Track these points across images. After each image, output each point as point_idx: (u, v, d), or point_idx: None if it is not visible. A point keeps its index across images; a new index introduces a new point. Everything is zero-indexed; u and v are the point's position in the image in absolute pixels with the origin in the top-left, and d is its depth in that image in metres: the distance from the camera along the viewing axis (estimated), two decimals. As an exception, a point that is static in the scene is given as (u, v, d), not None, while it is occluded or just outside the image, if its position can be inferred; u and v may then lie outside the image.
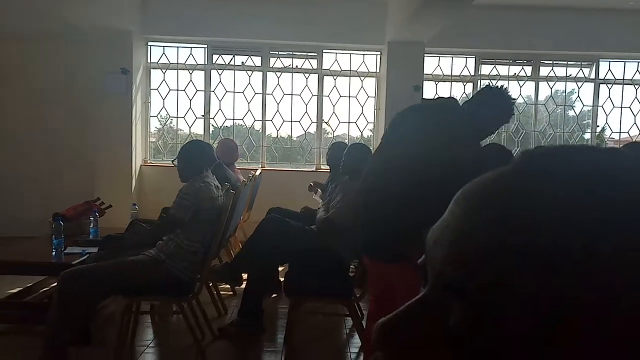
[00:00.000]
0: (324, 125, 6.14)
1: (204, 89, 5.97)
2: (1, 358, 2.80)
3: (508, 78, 6.11)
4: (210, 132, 6.08)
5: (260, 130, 6.08)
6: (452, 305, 0.29)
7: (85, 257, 2.99)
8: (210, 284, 3.30)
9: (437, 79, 6.10)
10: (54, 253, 3.07)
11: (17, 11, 5.19)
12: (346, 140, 5.99)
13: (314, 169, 5.99)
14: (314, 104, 6.06)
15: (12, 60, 5.60)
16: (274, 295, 3.75)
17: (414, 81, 5.65)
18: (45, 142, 5.61)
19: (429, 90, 6.05)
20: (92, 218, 3.51)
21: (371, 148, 5.42)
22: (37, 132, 5.60)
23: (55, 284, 3.33)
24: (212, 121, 6.06)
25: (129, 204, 4.29)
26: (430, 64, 6.01)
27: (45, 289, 3.43)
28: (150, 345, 2.97)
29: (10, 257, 3.13)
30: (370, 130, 6.19)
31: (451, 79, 6.13)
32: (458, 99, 6.04)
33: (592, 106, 6.21)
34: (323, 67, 6.03)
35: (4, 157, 5.55)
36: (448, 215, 0.32)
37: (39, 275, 3.39)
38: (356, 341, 3.04)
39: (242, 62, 6.00)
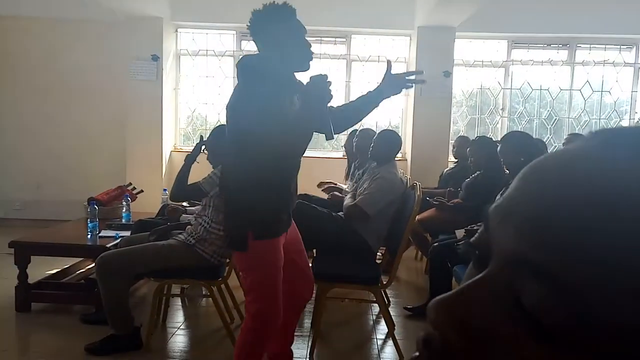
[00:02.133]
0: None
1: (233, 76, 6.00)
2: (40, 336, 2.92)
3: (542, 63, 5.94)
4: (239, 119, 6.11)
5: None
6: (524, 282, 0.28)
7: (118, 240, 3.08)
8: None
9: (467, 64, 5.97)
10: (89, 236, 3.18)
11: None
12: (373, 127, 5.97)
13: (341, 156, 5.98)
14: (342, 90, 6.02)
15: (46, 45, 5.73)
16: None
17: (444, 67, 5.55)
18: (79, 128, 5.75)
19: (459, 76, 5.94)
20: (124, 203, 3.60)
21: (400, 134, 5.40)
22: (71, 117, 5.74)
23: (90, 265, 3.47)
24: (241, 107, 6.09)
25: (159, 189, 4.38)
26: (461, 48, 5.88)
27: (81, 270, 3.55)
28: (180, 327, 3.05)
29: (48, 240, 3.25)
30: (399, 116, 6.12)
31: (482, 64, 5.99)
32: (488, 85, 5.96)
33: (632, 92, 5.98)
34: (351, 53, 5.98)
35: (41, 143, 5.72)
36: (514, 191, 0.31)
37: (75, 257, 3.50)
38: (382, 327, 3.05)
39: (270, 49, 5.98)
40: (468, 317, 0.30)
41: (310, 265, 3.37)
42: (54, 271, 3.45)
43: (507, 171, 3.21)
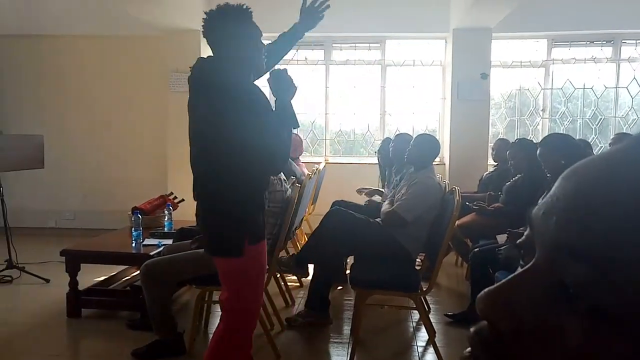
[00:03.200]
0: (388, 117, 6.08)
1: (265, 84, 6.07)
2: (90, 341, 3.03)
3: (584, 61, 5.75)
4: (275, 126, 6.18)
5: (324, 124, 6.11)
6: (566, 265, 0.30)
7: (161, 248, 3.16)
8: (278, 275, 3.38)
9: (505, 65, 5.85)
10: (133, 244, 3.28)
11: (92, 14, 5.56)
12: (411, 130, 5.92)
13: (375, 162, 5.96)
14: (377, 96, 6.01)
15: (91, 61, 5.98)
16: (340, 287, 3.78)
17: (481, 69, 5.46)
18: (123, 140, 5.96)
19: (497, 78, 5.82)
20: (166, 211, 3.70)
21: (437, 138, 5.33)
22: (115, 130, 5.96)
23: (135, 272, 3.58)
24: (276, 115, 6.17)
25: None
26: (498, 49, 5.77)
27: (127, 278, 3.67)
28: (222, 333, 3.09)
29: (96, 248, 3.38)
30: (436, 120, 6.05)
31: (520, 64, 5.85)
32: (528, 85, 5.80)
33: (682, 88, 5.70)
34: (386, 58, 5.96)
35: (88, 154, 5.95)
36: (557, 190, 0.33)
37: (120, 265, 3.62)
38: (423, 334, 3.01)
39: (306, 57, 6.05)
40: (516, 303, 0.32)
41: (348, 272, 3.39)
42: (102, 278, 3.58)
43: (549, 175, 3.12)
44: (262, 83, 2.01)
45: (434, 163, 3.36)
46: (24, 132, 4.95)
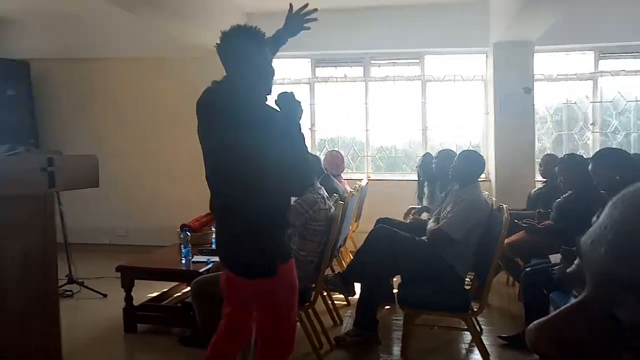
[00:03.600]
0: (429, 133, 6.05)
1: (309, 102, 6.17)
2: (145, 356, 3.12)
3: (635, 72, 5.56)
4: (317, 143, 6.26)
5: (364, 140, 6.14)
6: (618, 297, 0.29)
7: (210, 265, 3.24)
8: (325, 294, 3.39)
9: (549, 78, 5.73)
10: (183, 261, 3.37)
11: (137, 36, 5.82)
12: (453, 147, 5.87)
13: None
14: (418, 111, 6.00)
15: (138, 82, 6.20)
16: (387, 306, 3.75)
17: (524, 82, 5.38)
18: (171, 158, 6.13)
19: (541, 92, 5.71)
20: (213, 229, 3.79)
21: (481, 154, 5.26)
22: (164, 148, 6.15)
23: (186, 289, 3.67)
24: (317, 133, 6.25)
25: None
26: (541, 62, 5.67)
27: (177, 294, 3.76)
28: (270, 350, 3.12)
29: (148, 265, 3.50)
30: (479, 135, 5.98)
31: (566, 77, 5.72)
32: (575, 99, 5.66)
33: None
34: (426, 74, 5.96)
35: (139, 173, 6.15)
36: (606, 219, 0.32)
37: (171, 281, 3.73)
38: (476, 356, 2.94)
39: (345, 74, 6.12)
40: (568, 336, 0.32)
41: (395, 291, 3.36)
42: (155, 294, 3.69)
43: (602, 191, 3.02)
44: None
45: (479, 179, 3.32)
46: (78, 152, 5.18)
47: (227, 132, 1.79)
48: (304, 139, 1.89)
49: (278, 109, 1.85)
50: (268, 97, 1.92)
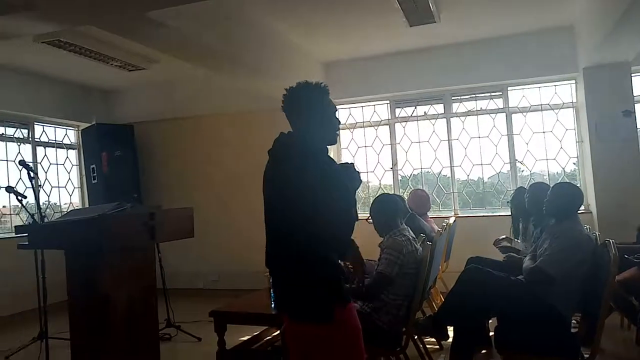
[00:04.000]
0: (519, 165, 5.77)
1: (390, 142, 6.18)
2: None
3: None
4: (399, 181, 6.21)
5: (449, 176, 5.99)
6: None
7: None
8: (416, 338, 3.27)
9: (653, 98, 5.29)
10: (273, 305, 3.42)
11: (226, 93, 6.24)
12: (545, 178, 5.54)
13: (508, 213, 5.62)
14: (504, 144, 5.77)
15: (226, 135, 6.60)
16: (483, 350, 3.53)
17: (622, 105, 5.01)
18: (257, 206, 6.36)
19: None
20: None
21: (578, 184, 4.91)
22: (252, 197, 6.39)
23: (276, 332, 3.71)
24: (400, 171, 6.20)
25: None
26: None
27: (268, 337, 3.82)
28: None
29: (240, 309, 3.60)
30: (574, 163, 5.60)
31: (673, 96, 5.25)
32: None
33: None
34: (510, 105, 5.76)
35: (230, 220, 6.44)
36: None
37: (262, 325, 3.79)
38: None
39: (425, 112, 6.08)
40: None
41: (492, 334, 3.16)
42: (246, 338, 3.77)
43: None
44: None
45: (578, 212, 3.08)
46: (176, 203, 5.57)
47: (295, 180, 1.83)
48: (355, 206, 1.92)
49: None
50: (330, 147, 1.99)
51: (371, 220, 3.11)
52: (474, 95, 5.90)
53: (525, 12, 4.84)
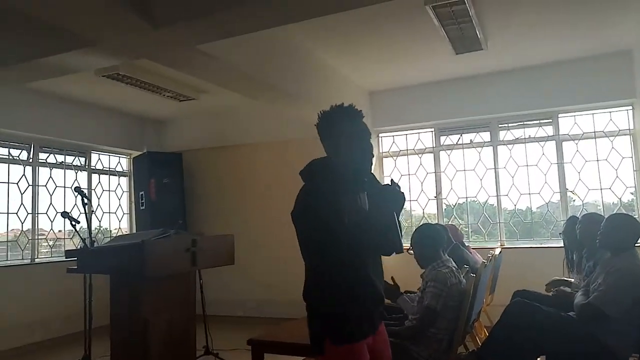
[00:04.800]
0: (570, 194, 5.52)
1: (434, 171, 6.08)
2: None
3: None
4: (443, 210, 6.07)
5: (496, 205, 5.80)
6: None
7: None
8: (458, 374, 3.12)
9: None
10: (310, 335, 3.38)
11: (267, 122, 6.37)
12: (599, 208, 5.26)
13: (560, 245, 5.35)
14: (554, 173, 5.55)
15: (266, 163, 6.68)
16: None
17: (687, 127, 4.72)
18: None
19: None
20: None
21: (635, 215, 4.62)
22: (289, 225, 6.44)
23: (313, 364, 3.64)
24: (444, 200, 6.07)
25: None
26: None
27: (305, 368, 3.75)
28: None
29: (277, 339, 3.56)
30: (631, 193, 5.30)
31: None
32: None
33: None
34: (560, 133, 5.55)
35: (268, 249, 6.46)
36: None
37: (299, 355, 3.73)
38: None
39: (471, 140, 5.96)
40: None
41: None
42: (284, 369, 3.72)
43: None
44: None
45: (636, 245, 2.89)
46: (220, 230, 5.67)
47: (308, 201, 1.83)
48: (390, 226, 1.81)
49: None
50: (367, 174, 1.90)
51: (412, 252, 3.03)
52: (522, 123, 5.74)
53: (576, 36, 4.70)
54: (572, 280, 3.83)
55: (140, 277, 2.59)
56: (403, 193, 1.86)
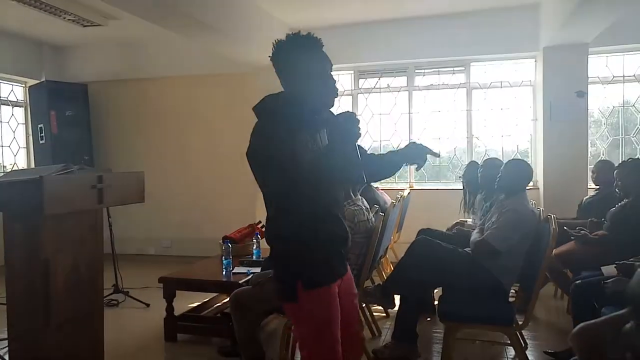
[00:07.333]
0: (475, 140, 5.88)
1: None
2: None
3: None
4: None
5: (407, 150, 6.03)
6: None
7: (250, 276, 3.26)
8: (363, 305, 3.34)
9: (605, 81, 5.44)
10: (224, 272, 3.42)
11: (184, 55, 6.01)
12: (500, 155, 5.67)
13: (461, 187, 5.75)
14: (463, 119, 5.86)
15: (182, 99, 6.43)
16: (428, 318, 3.65)
17: (577, 86, 5.13)
18: (214, 172, 6.28)
19: (595, 95, 5.43)
20: (254, 240, 3.83)
21: (529, 161, 5.04)
22: (207, 163, 6.31)
23: (226, 299, 3.72)
24: (360, 143, 6.20)
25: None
26: (596, 65, 5.40)
27: (218, 305, 3.82)
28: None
29: (189, 276, 3.57)
30: (528, 141, 5.75)
31: (623, 79, 5.41)
32: (633, 100, 5.34)
33: None
34: (471, 81, 5.81)
35: (183, 186, 6.35)
36: None
37: (212, 292, 3.78)
38: (520, 374, 2.80)
39: (388, 84, 6.07)
40: (602, 344, 0.38)
41: (437, 303, 3.26)
42: (196, 304, 3.76)
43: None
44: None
45: (526, 188, 3.17)
46: (129, 167, 5.41)
47: (260, 143, 1.65)
48: (350, 159, 1.60)
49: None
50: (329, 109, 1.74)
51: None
52: (437, 69, 5.91)
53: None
54: (469, 220, 4.16)
55: (39, 215, 2.41)
56: (358, 120, 1.76)
